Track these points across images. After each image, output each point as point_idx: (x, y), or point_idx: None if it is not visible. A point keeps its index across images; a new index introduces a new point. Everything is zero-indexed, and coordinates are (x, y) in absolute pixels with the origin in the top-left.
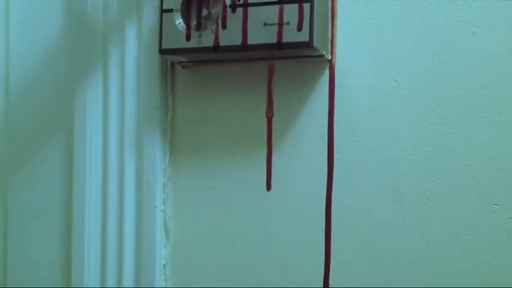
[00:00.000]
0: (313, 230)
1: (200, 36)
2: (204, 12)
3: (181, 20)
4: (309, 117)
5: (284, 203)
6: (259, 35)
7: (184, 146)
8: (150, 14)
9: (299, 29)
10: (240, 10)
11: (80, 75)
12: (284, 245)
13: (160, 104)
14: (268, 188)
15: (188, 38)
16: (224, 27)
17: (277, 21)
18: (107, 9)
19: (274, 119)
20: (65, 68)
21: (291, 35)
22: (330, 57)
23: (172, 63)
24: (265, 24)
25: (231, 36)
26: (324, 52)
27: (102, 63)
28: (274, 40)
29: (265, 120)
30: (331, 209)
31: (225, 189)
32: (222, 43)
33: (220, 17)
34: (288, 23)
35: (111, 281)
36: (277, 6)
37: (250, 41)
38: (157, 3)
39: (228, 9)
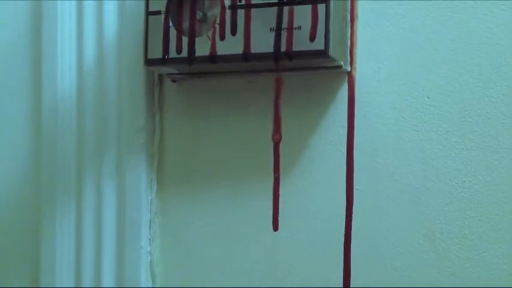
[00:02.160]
0: (329, 277)
1: (194, 43)
2: (199, 14)
3: (171, 24)
4: (324, 141)
5: (294, 246)
6: (264, 43)
7: (174, 175)
8: (134, 17)
9: (312, 35)
10: (241, 12)
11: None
12: None
13: (146, 125)
14: (275, 227)
15: (179, 46)
16: (222, 32)
17: (286, 26)
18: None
19: (282, 143)
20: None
21: (302, 43)
22: (349, 69)
23: (160, 76)
24: (272, 29)
25: (230, 44)
26: (342, 63)
27: (77, 81)
28: (282, 48)
29: (271, 144)
30: (351, 251)
31: (223, 228)
32: (219, 52)
33: (217, 21)
34: (299, 27)
35: None
36: (286, 8)
37: (254, 49)
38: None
39: (227, 11)
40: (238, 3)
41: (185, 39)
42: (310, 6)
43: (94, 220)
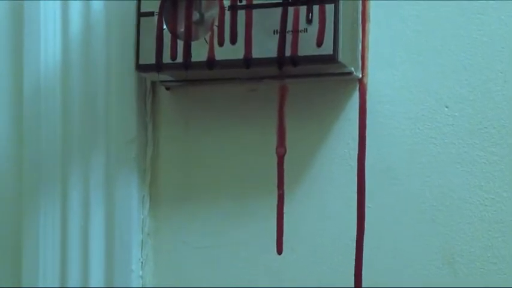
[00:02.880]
0: None
1: (190, 47)
2: (195, 16)
3: (164, 26)
4: (333, 155)
5: (300, 270)
6: (267, 46)
7: (169, 192)
8: (124, 19)
9: (320, 38)
10: (242, 13)
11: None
12: None
13: (137, 137)
14: (279, 250)
15: (174, 50)
16: (221, 35)
17: (291, 28)
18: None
19: (287, 157)
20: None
21: (309, 47)
22: (360, 76)
23: (152, 83)
24: (275, 32)
25: (230, 48)
26: (353, 69)
27: (61, 87)
28: (287, 53)
29: (275, 158)
30: (362, 276)
31: (221, 250)
32: (218, 57)
33: (216, 23)
34: (305, 30)
35: None
36: (291, 9)
37: (256, 54)
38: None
39: (227, 12)
40: (239, 4)
41: (180, 43)
42: (317, 6)
43: (80, 241)
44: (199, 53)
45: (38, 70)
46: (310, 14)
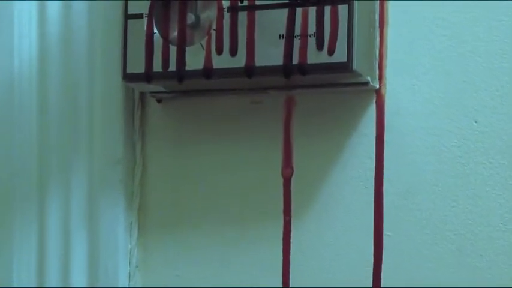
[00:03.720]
0: None
1: (184, 54)
2: (190, 18)
3: (155, 30)
4: (347, 176)
5: None
6: (271, 53)
7: (159, 218)
8: (109, 22)
9: (332, 43)
10: (243, 15)
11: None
12: None
13: (124, 157)
14: (286, 283)
15: (166, 57)
16: (220, 41)
17: (299, 32)
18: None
19: (294, 179)
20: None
21: (319, 53)
22: (377, 86)
23: (142, 95)
24: (281, 36)
25: (230, 55)
26: (369, 78)
27: (37, 99)
28: (294, 61)
29: (280, 180)
30: None
31: (219, 283)
32: (216, 65)
33: (213, 26)
34: (315, 34)
35: None
36: (299, 10)
37: (259, 61)
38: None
39: (226, 14)
40: (240, 4)
41: (173, 49)
42: (329, 7)
43: (60, 274)
44: (195, 61)
45: (11, 79)
46: (321, 16)
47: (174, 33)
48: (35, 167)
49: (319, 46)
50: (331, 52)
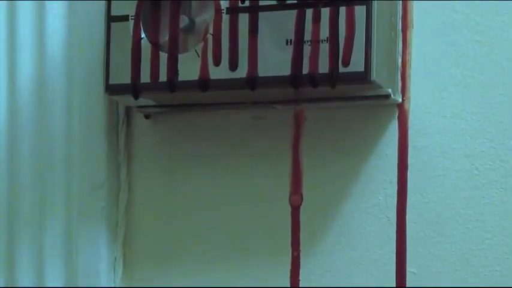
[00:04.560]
0: None
1: (177, 62)
2: (184, 21)
3: (143, 35)
4: (364, 204)
5: None
6: (277, 62)
7: (147, 252)
8: (89, 25)
9: (347, 50)
10: (244, 18)
11: None
12: None
13: (107, 181)
14: None
15: (156, 66)
16: (217, 47)
17: (309, 38)
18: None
19: (303, 208)
20: None
21: (332, 62)
22: (400, 100)
23: (127, 109)
24: (289, 42)
25: (229, 64)
26: (390, 90)
27: (7, 115)
28: (304, 70)
29: (288, 209)
30: None
31: None
32: (214, 75)
33: (210, 30)
34: (327, 40)
35: None
36: (309, 12)
37: (263, 71)
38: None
39: (225, 16)
40: (241, 5)
41: (164, 57)
42: (344, 8)
43: None
44: (189, 70)
45: None
46: (335, 19)
47: (165, 38)
48: (6, 192)
49: (333, 53)
50: (346, 60)
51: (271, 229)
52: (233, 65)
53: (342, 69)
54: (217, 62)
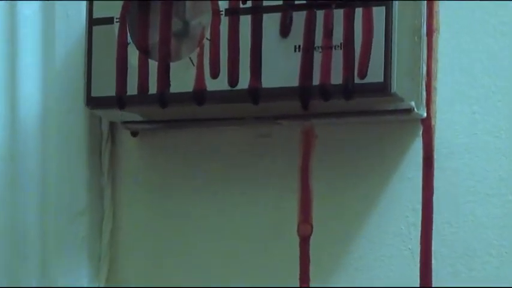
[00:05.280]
0: None
1: (168, 72)
2: (177, 24)
3: (130, 40)
4: (384, 234)
5: None
6: (284, 71)
7: None
8: (69, 28)
9: (364, 58)
10: (246, 20)
11: None
12: None
13: (89, 207)
14: None
15: (144, 76)
16: (215, 54)
17: (320, 43)
18: None
19: (313, 238)
20: None
21: (347, 71)
22: (424, 115)
23: (112, 125)
24: (297, 48)
25: (229, 73)
26: (414, 104)
27: None
28: (315, 81)
29: (296, 240)
30: None
31: None
32: (211, 86)
33: (207, 34)
34: (341, 45)
35: None
36: (320, 13)
37: (268, 81)
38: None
39: (224, 19)
40: (242, 5)
41: (154, 65)
42: (360, 10)
43: None
44: (183, 81)
45: None
46: (350, 21)
47: (155, 43)
48: None
49: (348, 61)
50: (363, 69)
51: (277, 262)
52: (233, 75)
53: (357, 79)
54: (215, 72)
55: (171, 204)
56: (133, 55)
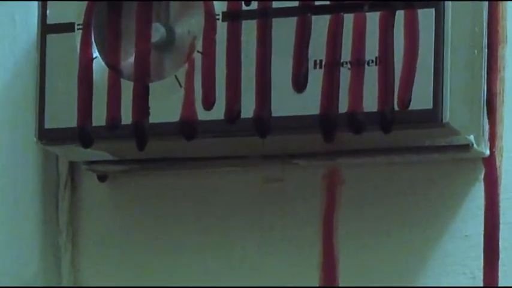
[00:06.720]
0: None
1: (147, 95)
2: (158, 31)
3: (96, 54)
4: None
5: None
6: (299, 95)
7: None
8: (16, 37)
9: (406, 78)
10: (250, 26)
11: None
12: None
13: (42, 273)
14: None
15: (115, 101)
16: (209, 71)
17: (348, 58)
18: None
19: None
20: None
21: (385, 96)
22: (488, 152)
23: (72, 166)
24: (318, 63)
25: (226, 98)
26: (473, 138)
27: None
28: (342, 108)
29: None
30: None
31: None
32: (203, 115)
33: (199, 47)
34: (376, 60)
35: None
36: (348, 17)
37: (278, 109)
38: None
39: (220, 25)
40: (245, 7)
41: (128, 87)
42: (402, 13)
43: None
44: (167, 107)
45: None
46: (387, 28)
47: (130, 59)
48: None
49: (385, 81)
50: (405, 93)
51: None
52: (233, 101)
53: (398, 105)
54: (209, 96)
55: (149, 268)
56: (100, 73)
